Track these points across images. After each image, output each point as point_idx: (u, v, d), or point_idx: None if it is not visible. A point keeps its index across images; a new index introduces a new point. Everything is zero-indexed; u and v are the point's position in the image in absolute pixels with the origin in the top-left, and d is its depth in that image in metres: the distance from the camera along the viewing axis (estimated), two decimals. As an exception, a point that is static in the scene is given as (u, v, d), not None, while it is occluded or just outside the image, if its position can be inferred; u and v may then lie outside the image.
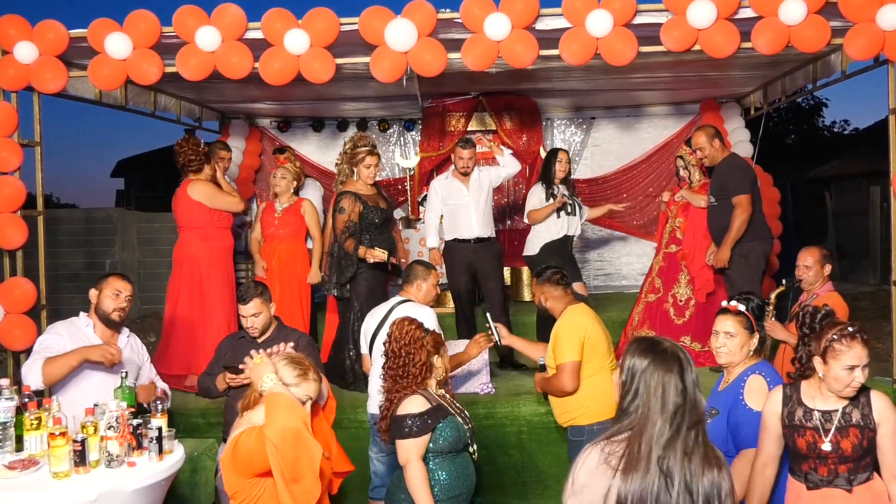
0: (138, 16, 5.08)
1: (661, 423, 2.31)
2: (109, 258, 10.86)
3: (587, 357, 4.29)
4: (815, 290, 4.79)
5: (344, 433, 5.15)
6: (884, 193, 13.26)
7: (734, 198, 5.69)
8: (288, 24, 4.99)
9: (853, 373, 2.99)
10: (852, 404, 3.06)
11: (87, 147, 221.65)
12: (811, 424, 3.07)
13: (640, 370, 2.39)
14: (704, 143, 5.97)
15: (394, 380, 3.73)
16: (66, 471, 3.38)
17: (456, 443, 3.62)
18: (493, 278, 6.40)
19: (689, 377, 2.36)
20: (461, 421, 3.71)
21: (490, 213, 6.50)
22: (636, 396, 2.38)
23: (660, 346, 2.42)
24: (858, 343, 3.00)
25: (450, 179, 6.53)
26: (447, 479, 3.59)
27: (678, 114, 8.92)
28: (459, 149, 6.41)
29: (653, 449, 2.29)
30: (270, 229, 6.31)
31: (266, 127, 9.07)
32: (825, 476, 3.05)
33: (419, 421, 3.55)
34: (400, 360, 3.71)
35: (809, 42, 4.94)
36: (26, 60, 5.16)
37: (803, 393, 3.15)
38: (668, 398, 2.33)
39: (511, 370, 6.31)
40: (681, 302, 6.37)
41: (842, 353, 3.00)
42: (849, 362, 2.99)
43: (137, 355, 4.42)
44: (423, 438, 3.55)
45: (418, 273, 4.82)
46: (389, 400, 3.72)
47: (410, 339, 3.73)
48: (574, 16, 4.93)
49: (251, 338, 4.43)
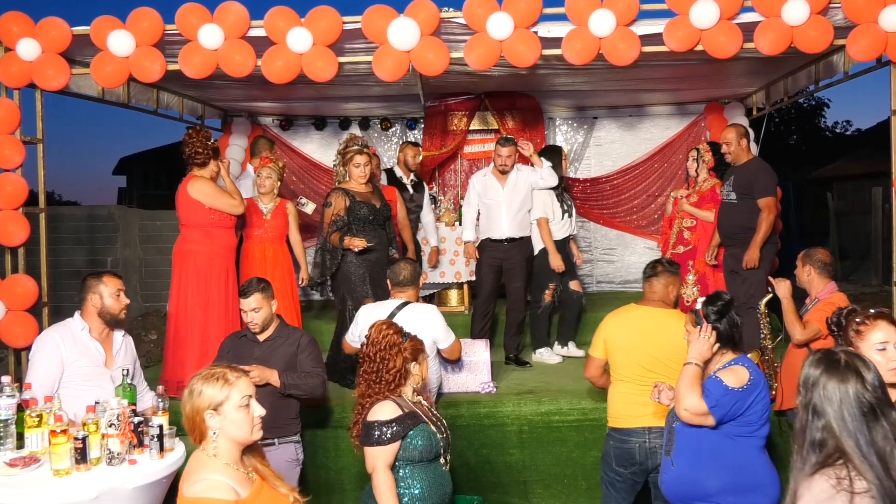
0: (141, 13, 5.07)
1: (856, 433, 2.26)
2: (111, 255, 10.86)
3: (609, 360, 4.30)
4: (816, 294, 4.78)
5: (345, 432, 5.14)
6: (886, 194, 13.27)
7: (761, 199, 5.74)
8: (291, 23, 4.99)
9: (887, 352, 2.93)
10: None
11: (90, 144, 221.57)
12: None
13: (817, 385, 2.34)
14: (733, 139, 6.02)
15: (367, 384, 3.62)
16: (68, 468, 3.40)
17: (427, 452, 3.50)
18: (519, 277, 6.47)
19: (870, 379, 2.31)
20: (434, 430, 3.58)
21: (525, 214, 6.50)
22: (820, 415, 2.31)
23: (832, 357, 2.37)
24: (883, 320, 2.97)
25: (488, 176, 6.57)
26: (420, 490, 3.48)
27: (680, 114, 8.91)
28: (499, 146, 6.45)
29: (865, 457, 2.23)
30: (258, 231, 6.22)
31: (268, 125, 9.07)
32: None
33: (387, 429, 3.44)
34: (374, 364, 3.59)
35: (812, 43, 4.93)
36: (29, 57, 5.17)
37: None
38: (853, 409, 2.28)
39: (514, 366, 6.36)
40: (688, 302, 6.36)
41: (867, 333, 2.96)
42: (877, 340, 2.94)
43: (131, 355, 4.42)
44: (392, 447, 3.44)
45: (413, 277, 4.82)
46: (361, 405, 3.62)
47: (387, 345, 3.60)
48: (577, 15, 4.93)
49: (253, 336, 4.43)
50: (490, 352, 5.71)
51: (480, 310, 6.57)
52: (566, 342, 6.76)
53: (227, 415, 2.63)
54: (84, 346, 4.14)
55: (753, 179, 5.82)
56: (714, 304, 3.51)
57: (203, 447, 2.66)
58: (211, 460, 2.63)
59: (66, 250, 10.51)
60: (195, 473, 2.61)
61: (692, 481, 3.46)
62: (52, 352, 4.06)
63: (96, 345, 4.19)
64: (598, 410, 5.19)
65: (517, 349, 6.57)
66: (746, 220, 5.78)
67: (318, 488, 5.18)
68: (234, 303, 5.73)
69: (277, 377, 4.23)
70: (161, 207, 11.18)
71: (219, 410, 2.63)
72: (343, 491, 5.25)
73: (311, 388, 4.35)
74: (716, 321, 3.48)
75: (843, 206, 16.19)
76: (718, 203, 6.31)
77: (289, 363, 4.38)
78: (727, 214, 6.02)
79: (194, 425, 2.65)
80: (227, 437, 2.65)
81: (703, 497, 3.44)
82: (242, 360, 4.26)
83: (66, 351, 4.07)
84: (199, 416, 2.63)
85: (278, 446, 4.33)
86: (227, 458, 2.65)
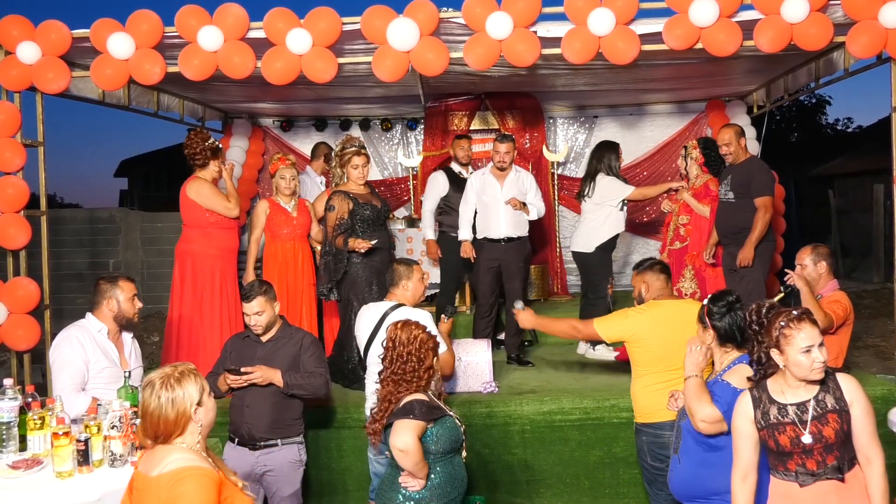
0: (140, 16, 5.08)
1: None
2: (113, 258, 10.89)
3: (631, 353, 4.31)
4: (819, 290, 4.77)
5: (347, 433, 5.18)
6: (887, 191, 13.25)
7: (758, 199, 5.73)
8: (290, 24, 4.99)
9: (811, 354, 2.96)
10: (823, 390, 3.02)
11: (91, 147, 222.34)
12: (788, 419, 3.02)
13: None
14: (732, 139, 6.01)
15: (396, 384, 3.67)
16: (70, 470, 3.40)
17: (454, 443, 3.62)
18: (517, 278, 6.44)
19: None
20: (458, 422, 3.71)
21: (523, 213, 6.47)
22: None
23: None
24: (807, 323, 2.99)
25: (486, 175, 6.54)
26: (440, 482, 3.58)
27: (681, 112, 8.91)
28: (497, 143, 6.42)
29: None
30: (287, 229, 6.17)
31: (269, 126, 9.08)
32: (815, 469, 3.00)
33: (424, 407, 3.54)
34: (409, 364, 3.65)
35: (812, 40, 4.93)
36: (29, 61, 5.17)
37: (771, 391, 3.10)
38: None
39: (516, 366, 6.36)
40: (686, 295, 6.38)
41: (793, 337, 2.98)
42: (803, 344, 2.97)
43: (139, 357, 4.46)
44: (422, 424, 3.51)
45: (401, 273, 4.75)
46: (389, 401, 3.67)
47: (420, 344, 3.69)
48: (576, 14, 4.93)
49: (256, 337, 4.44)
50: (492, 351, 5.71)
51: (481, 311, 6.56)
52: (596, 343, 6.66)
53: (206, 403, 2.75)
54: (102, 347, 4.19)
55: (751, 179, 5.82)
56: (718, 303, 3.52)
57: (182, 439, 2.71)
58: (184, 449, 2.70)
59: (68, 253, 10.54)
60: (162, 459, 2.66)
61: (699, 479, 3.46)
62: (76, 349, 4.11)
63: (112, 346, 4.25)
64: (600, 409, 5.20)
65: (518, 349, 6.56)
66: (744, 219, 5.77)
67: (321, 489, 5.19)
68: (232, 303, 5.76)
69: (280, 377, 4.24)
70: (162, 210, 11.20)
71: (201, 403, 2.73)
72: (346, 492, 5.25)
73: (315, 388, 4.35)
74: (718, 320, 3.49)
75: (844, 204, 16.18)
76: (712, 198, 6.32)
77: (292, 363, 4.37)
78: (725, 214, 6.02)
79: (177, 425, 2.69)
80: (205, 426, 2.76)
81: (710, 494, 3.45)
82: (245, 360, 4.29)
83: (88, 351, 4.13)
84: (186, 416, 2.69)
85: (281, 447, 4.33)
86: (199, 446, 2.74)
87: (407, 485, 3.56)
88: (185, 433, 2.70)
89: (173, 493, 2.53)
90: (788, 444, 3.02)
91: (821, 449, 2.99)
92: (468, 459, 5.11)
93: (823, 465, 3.00)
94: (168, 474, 2.59)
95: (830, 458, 3.00)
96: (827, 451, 2.99)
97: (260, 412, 4.30)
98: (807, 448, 2.99)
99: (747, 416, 3.12)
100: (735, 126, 6.15)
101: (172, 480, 2.57)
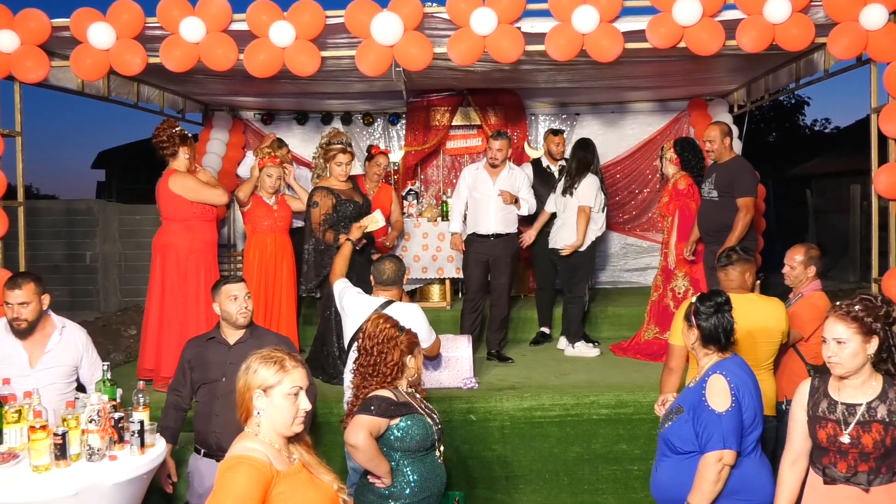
0: (122, 6, 5.04)
1: None
2: (90, 250, 10.79)
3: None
4: (801, 290, 4.79)
5: (327, 427, 5.16)
6: (864, 192, 13.37)
7: (740, 199, 5.77)
8: (273, 16, 4.96)
9: (827, 345, 3.01)
10: (879, 399, 2.98)
11: (68, 138, 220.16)
12: (833, 417, 3.01)
13: None
14: (716, 137, 6.02)
15: (363, 377, 3.67)
16: (47, 464, 3.36)
17: (423, 441, 3.57)
18: (504, 273, 6.48)
19: None
20: (430, 421, 3.66)
21: (513, 210, 6.49)
22: None
23: None
24: (834, 316, 3.04)
25: (480, 170, 6.57)
26: (417, 480, 3.55)
27: (662, 111, 8.95)
28: (491, 139, 6.49)
29: None
30: (268, 221, 6.18)
31: (250, 119, 9.02)
32: (844, 472, 2.99)
33: (382, 403, 3.52)
34: (372, 358, 3.65)
35: (793, 41, 4.97)
36: (7, 49, 5.11)
37: (830, 385, 3.10)
38: None
39: (496, 362, 6.37)
40: (679, 294, 6.41)
41: (825, 325, 3.05)
42: (824, 334, 3.03)
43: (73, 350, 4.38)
44: (378, 421, 3.48)
45: (398, 277, 4.69)
46: (356, 396, 3.67)
47: (384, 338, 3.66)
48: (560, 11, 4.95)
49: (223, 340, 4.20)
50: (473, 347, 5.71)
51: (469, 306, 6.56)
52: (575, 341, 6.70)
53: (274, 399, 2.65)
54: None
55: (735, 178, 5.85)
56: (706, 303, 3.48)
57: (248, 425, 2.69)
58: (253, 436, 2.66)
59: (45, 244, 10.44)
60: (236, 444, 2.66)
61: (676, 485, 3.45)
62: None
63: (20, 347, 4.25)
64: (579, 406, 5.22)
65: (499, 345, 6.58)
66: (727, 218, 5.80)
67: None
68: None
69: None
70: (140, 202, 11.11)
71: (268, 393, 2.65)
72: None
73: None
74: (705, 320, 3.46)
75: (821, 204, 16.32)
76: (684, 197, 6.37)
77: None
78: (708, 212, 6.05)
79: (243, 401, 2.68)
80: (269, 420, 2.67)
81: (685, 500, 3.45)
82: (212, 365, 4.12)
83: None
84: (249, 394, 2.66)
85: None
86: (268, 439, 2.67)
87: (374, 482, 3.55)
88: (251, 416, 2.67)
89: (222, 479, 2.54)
90: (825, 440, 3.03)
91: (856, 454, 2.97)
92: (447, 455, 5.13)
93: (853, 471, 2.99)
94: (225, 459, 2.61)
95: (864, 465, 2.98)
96: (862, 458, 2.97)
97: (229, 420, 4.15)
98: (842, 449, 2.99)
99: (802, 403, 3.16)
100: (722, 124, 6.17)
101: (225, 466, 2.57)
